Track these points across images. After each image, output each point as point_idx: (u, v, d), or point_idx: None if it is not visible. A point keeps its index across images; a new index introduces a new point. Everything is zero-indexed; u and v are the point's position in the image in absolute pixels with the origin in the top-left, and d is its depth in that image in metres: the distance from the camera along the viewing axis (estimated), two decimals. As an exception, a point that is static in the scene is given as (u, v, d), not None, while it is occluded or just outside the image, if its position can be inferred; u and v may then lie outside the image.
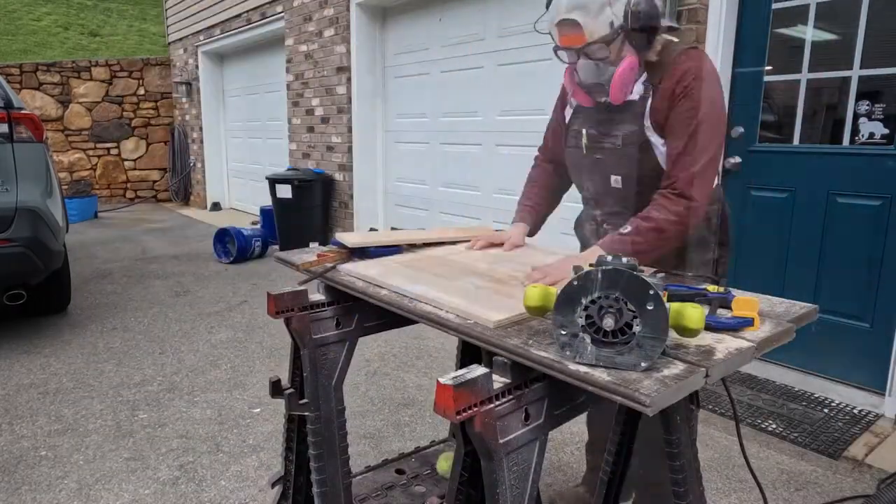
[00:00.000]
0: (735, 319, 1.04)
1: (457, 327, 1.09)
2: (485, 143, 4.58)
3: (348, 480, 1.61)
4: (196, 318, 4.05)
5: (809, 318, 1.18)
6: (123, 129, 9.52)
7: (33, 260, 3.33)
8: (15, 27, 11.72)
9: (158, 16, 13.12)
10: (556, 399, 1.03)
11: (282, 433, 1.66)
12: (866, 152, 2.68)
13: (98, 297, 4.55)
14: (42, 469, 2.28)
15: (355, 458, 2.34)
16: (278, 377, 1.53)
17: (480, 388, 0.92)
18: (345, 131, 5.71)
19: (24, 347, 3.52)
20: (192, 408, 2.78)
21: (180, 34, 9.08)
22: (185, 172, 9.54)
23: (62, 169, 9.16)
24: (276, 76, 7.29)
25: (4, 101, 3.41)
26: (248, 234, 5.75)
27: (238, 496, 2.12)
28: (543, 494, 2.14)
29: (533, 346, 0.98)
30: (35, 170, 3.46)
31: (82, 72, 9.15)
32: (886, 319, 2.66)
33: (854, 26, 2.68)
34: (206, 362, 3.30)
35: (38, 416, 2.69)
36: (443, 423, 2.63)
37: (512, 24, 4.22)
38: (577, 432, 2.57)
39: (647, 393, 0.82)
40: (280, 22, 6.51)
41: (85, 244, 6.56)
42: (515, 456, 0.98)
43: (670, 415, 1.13)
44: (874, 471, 2.25)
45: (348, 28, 5.47)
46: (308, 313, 1.46)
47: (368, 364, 3.29)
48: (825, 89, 2.82)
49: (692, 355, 0.95)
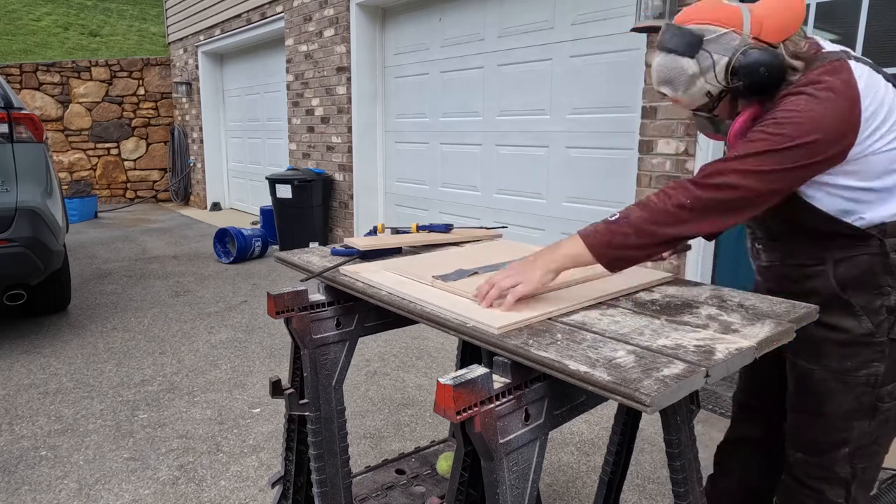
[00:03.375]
0: None
1: (457, 327, 1.09)
2: (485, 143, 4.58)
3: (348, 480, 1.61)
4: (196, 318, 4.05)
5: (809, 318, 1.18)
6: (123, 129, 9.52)
7: (33, 260, 3.33)
8: (15, 27, 11.72)
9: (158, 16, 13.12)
10: (556, 399, 1.04)
11: (282, 433, 1.66)
12: (866, 152, 2.68)
13: (98, 297, 4.55)
14: (42, 469, 2.28)
15: (355, 458, 2.34)
16: (278, 377, 1.53)
17: (480, 388, 0.92)
18: (345, 131, 5.71)
19: (24, 347, 3.52)
20: (192, 408, 2.78)
21: (180, 34, 9.08)
22: (184, 172, 9.54)
23: (62, 169, 9.16)
24: (276, 76, 7.29)
25: (4, 101, 3.41)
26: (248, 234, 5.75)
27: (238, 496, 2.12)
28: (543, 494, 2.14)
29: (533, 346, 0.98)
30: (35, 170, 3.46)
31: (82, 72, 9.15)
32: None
33: (854, 26, 2.68)
34: (206, 362, 3.30)
35: (38, 416, 2.69)
36: (443, 423, 2.63)
37: (512, 24, 4.23)
38: (577, 432, 2.57)
39: (647, 393, 0.82)
40: (280, 22, 6.52)
41: (85, 244, 6.56)
42: (515, 456, 0.98)
43: (670, 415, 1.14)
44: (874, 471, 2.25)
45: (348, 28, 5.47)
46: (308, 313, 1.46)
47: (368, 364, 3.29)
48: (825, 89, 2.82)
49: (692, 355, 0.95)
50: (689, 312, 1.16)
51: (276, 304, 1.42)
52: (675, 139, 3.10)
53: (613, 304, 1.22)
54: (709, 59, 1.16)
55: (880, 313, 1.20)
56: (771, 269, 1.37)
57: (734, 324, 1.09)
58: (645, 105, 3.20)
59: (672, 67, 1.20)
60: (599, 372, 0.89)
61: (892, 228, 1.17)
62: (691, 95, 1.22)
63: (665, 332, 1.05)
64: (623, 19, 3.51)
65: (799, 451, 1.35)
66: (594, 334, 1.04)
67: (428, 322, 1.16)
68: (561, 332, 1.05)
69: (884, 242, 1.17)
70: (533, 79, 4.11)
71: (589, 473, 2.28)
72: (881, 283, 1.19)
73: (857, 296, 1.21)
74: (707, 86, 1.19)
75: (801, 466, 1.35)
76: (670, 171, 3.12)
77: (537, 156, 4.16)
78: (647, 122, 3.20)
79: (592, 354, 0.95)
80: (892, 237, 1.17)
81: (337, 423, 1.56)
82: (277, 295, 1.42)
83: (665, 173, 3.13)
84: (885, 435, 1.28)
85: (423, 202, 5.30)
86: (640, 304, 1.21)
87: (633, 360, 0.93)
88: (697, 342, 1.00)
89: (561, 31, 3.91)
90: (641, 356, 0.95)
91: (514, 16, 4.21)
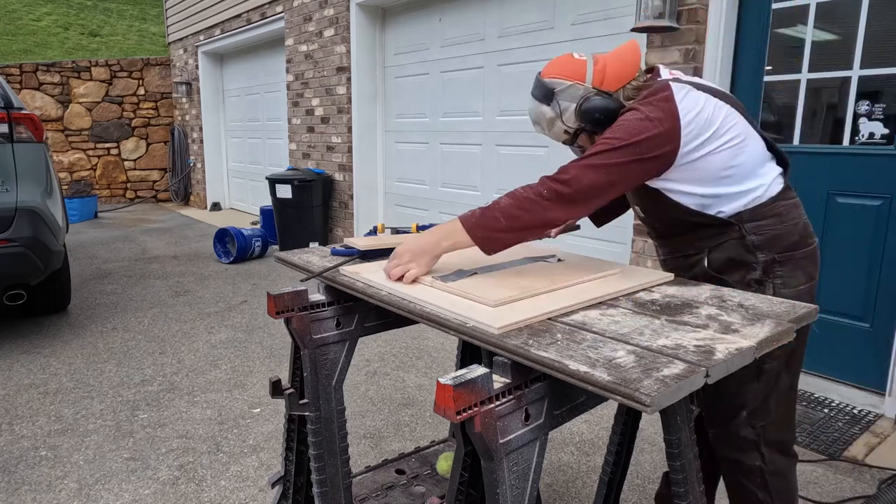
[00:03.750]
0: None
1: (457, 327, 1.09)
2: (485, 143, 4.58)
3: (348, 480, 1.61)
4: (196, 318, 4.05)
5: (809, 318, 1.18)
6: (123, 129, 9.52)
7: (33, 260, 3.33)
8: (15, 27, 11.73)
9: (158, 16, 13.13)
10: (556, 399, 1.04)
11: (282, 433, 1.66)
12: (866, 152, 2.68)
13: (98, 297, 4.55)
14: (42, 469, 2.28)
15: (355, 458, 2.34)
16: (278, 377, 1.53)
17: (480, 388, 0.92)
18: (345, 131, 5.71)
19: (24, 347, 3.52)
20: (192, 408, 2.78)
21: (180, 34, 9.08)
22: (184, 172, 9.54)
23: (62, 169, 9.16)
24: (276, 76, 7.29)
25: (4, 101, 3.41)
26: (248, 234, 5.75)
27: (238, 496, 2.12)
28: (543, 494, 2.14)
29: (533, 347, 0.98)
30: (35, 170, 3.47)
31: (82, 72, 9.16)
32: (886, 319, 2.66)
33: (854, 26, 2.68)
34: (206, 362, 3.30)
35: (38, 416, 2.69)
36: (443, 423, 2.63)
37: (512, 24, 4.23)
38: (577, 432, 2.57)
39: (647, 393, 0.82)
40: (280, 22, 6.52)
41: (85, 244, 6.56)
42: (515, 456, 0.98)
43: (670, 415, 1.14)
44: (874, 471, 2.25)
45: (348, 28, 5.47)
46: (308, 313, 1.46)
47: (368, 364, 3.29)
48: (825, 89, 2.82)
49: (692, 355, 0.95)
50: (689, 312, 1.16)
51: (276, 304, 1.42)
52: (675, 139, 3.10)
53: (613, 304, 1.22)
54: (559, 107, 1.46)
55: (750, 286, 1.42)
56: (667, 261, 1.60)
57: (734, 324, 1.09)
58: (645, 105, 3.20)
59: (538, 112, 1.50)
60: (599, 372, 0.89)
61: (746, 215, 1.41)
62: (555, 133, 1.50)
63: (665, 332, 1.05)
64: (623, 19, 3.52)
65: (712, 427, 1.51)
66: (594, 334, 1.04)
67: (428, 322, 1.16)
68: (561, 332, 1.05)
69: (742, 228, 1.41)
70: (533, 79, 4.11)
71: (589, 473, 2.28)
72: (746, 261, 1.42)
73: (730, 274, 1.45)
74: (563, 125, 1.47)
75: (718, 443, 1.50)
76: (670, 171, 3.12)
77: (537, 156, 4.16)
78: (647, 122, 3.19)
79: (592, 354, 0.95)
80: (747, 222, 1.41)
81: (337, 423, 1.56)
82: (277, 295, 1.42)
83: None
84: (775, 393, 1.44)
85: (423, 202, 5.30)
86: (640, 304, 1.22)
87: (633, 360, 0.93)
88: (697, 342, 1.00)
89: (561, 31, 3.91)
90: (641, 356, 0.95)
91: (514, 16, 4.21)
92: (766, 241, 1.41)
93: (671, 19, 2.95)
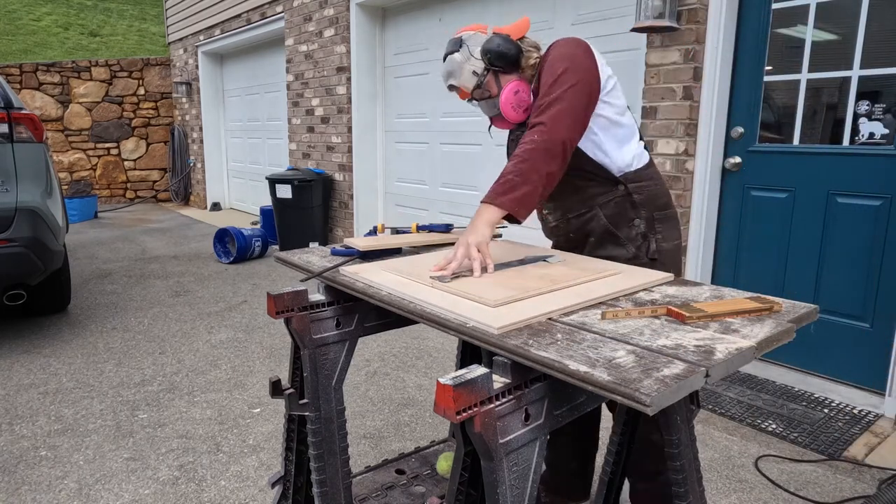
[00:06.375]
0: None
1: (457, 327, 1.09)
2: (485, 143, 4.58)
3: (348, 480, 1.61)
4: (196, 319, 4.05)
5: (809, 318, 1.18)
6: (123, 129, 9.52)
7: (33, 260, 3.33)
8: (15, 27, 11.73)
9: (158, 16, 13.13)
10: (556, 399, 1.04)
11: (282, 433, 1.66)
12: (866, 152, 2.68)
13: (98, 297, 4.55)
14: (42, 469, 2.28)
15: (355, 458, 2.34)
16: (278, 377, 1.53)
17: (480, 388, 0.92)
18: (345, 131, 5.71)
19: (24, 347, 3.52)
20: (192, 408, 2.78)
21: (180, 34, 9.08)
22: (184, 172, 9.54)
23: (62, 169, 9.16)
24: (275, 76, 7.29)
25: (4, 101, 3.41)
26: (248, 234, 5.75)
27: (238, 496, 2.12)
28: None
29: (533, 347, 0.98)
30: (35, 170, 3.46)
31: (82, 72, 9.15)
32: (886, 319, 2.67)
33: (854, 26, 2.68)
34: (206, 362, 3.30)
35: (38, 416, 2.69)
36: (443, 423, 2.63)
37: (512, 24, 4.22)
38: (577, 432, 2.57)
39: (647, 392, 0.82)
40: (280, 22, 6.52)
41: (85, 244, 6.56)
42: (515, 456, 0.98)
43: (670, 415, 1.14)
44: (874, 471, 2.25)
45: (348, 28, 5.47)
46: (308, 313, 1.46)
47: (368, 364, 3.29)
48: (825, 89, 2.82)
49: (692, 355, 0.95)
50: (689, 312, 1.16)
51: (276, 304, 1.42)
52: (675, 139, 3.10)
53: (613, 304, 1.22)
54: (468, 50, 1.62)
55: (637, 240, 1.65)
56: (558, 226, 1.76)
57: (734, 324, 1.09)
58: (645, 105, 3.20)
59: (449, 60, 1.65)
60: (599, 372, 0.89)
61: (630, 175, 1.64)
62: (465, 79, 1.63)
63: (665, 332, 1.05)
64: (623, 19, 3.52)
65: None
66: (594, 334, 1.04)
67: (428, 322, 1.16)
68: (561, 332, 1.05)
69: (627, 186, 1.63)
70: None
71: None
72: (632, 216, 1.64)
73: (620, 229, 1.65)
74: (472, 66, 1.62)
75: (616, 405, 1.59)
76: (671, 171, 3.12)
77: (537, 156, 4.16)
78: (647, 122, 3.20)
79: (592, 354, 0.95)
80: (631, 182, 1.64)
81: (337, 423, 1.56)
82: (277, 295, 1.42)
83: (665, 173, 3.13)
84: None
85: (423, 202, 5.30)
86: (640, 304, 1.22)
87: (633, 360, 0.93)
88: (697, 342, 1.00)
89: (561, 31, 3.91)
90: (641, 356, 0.95)
91: (513, 16, 4.21)
92: (646, 199, 1.65)
93: (671, 19, 2.95)
